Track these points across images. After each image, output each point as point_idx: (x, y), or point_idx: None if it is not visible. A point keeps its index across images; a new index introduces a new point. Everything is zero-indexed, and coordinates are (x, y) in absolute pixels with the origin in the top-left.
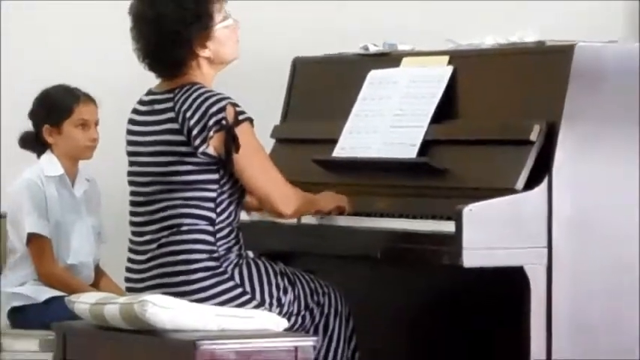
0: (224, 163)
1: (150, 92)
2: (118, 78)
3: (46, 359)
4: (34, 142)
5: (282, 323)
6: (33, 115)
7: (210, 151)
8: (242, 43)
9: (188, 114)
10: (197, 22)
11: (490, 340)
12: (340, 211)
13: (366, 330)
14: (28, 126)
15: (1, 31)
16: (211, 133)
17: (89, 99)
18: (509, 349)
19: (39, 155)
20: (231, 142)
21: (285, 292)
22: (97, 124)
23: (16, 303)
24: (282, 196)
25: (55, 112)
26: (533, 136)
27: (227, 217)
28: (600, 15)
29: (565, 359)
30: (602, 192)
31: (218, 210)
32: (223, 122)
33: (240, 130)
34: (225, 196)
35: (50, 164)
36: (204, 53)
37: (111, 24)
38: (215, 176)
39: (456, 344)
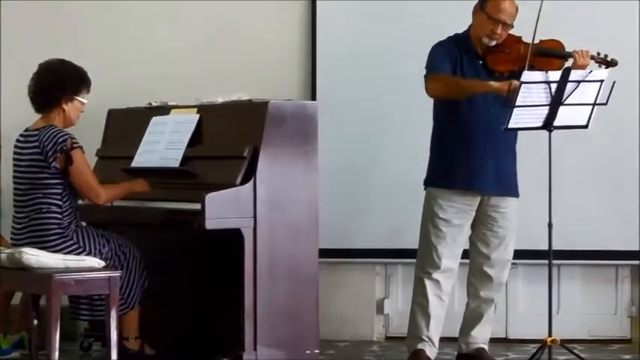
0: (64, 173)
1: (26, 130)
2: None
3: None
4: None
5: (102, 263)
6: None
7: (57, 165)
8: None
9: (46, 143)
10: (71, 88)
11: (223, 273)
12: (143, 191)
13: (150, 266)
14: None
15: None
16: (57, 154)
17: None
18: (233, 277)
19: None
20: (68, 160)
21: (104, 246)
22: None
23: None
24: (93, 192)
25: None
26: (245, 154)
27: (69, 204)
28: (285, 82)
29: (263, 279)
30: (283, 184)
31: (63, 200)
32: (64, 148)
33: (74, 153)
34: (67, 191)
35: None
36: (65, 107)
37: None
38: (60, 180)
39: (202, 273)
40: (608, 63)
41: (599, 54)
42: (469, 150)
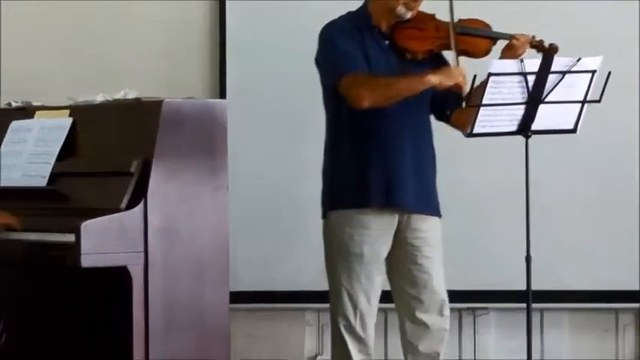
0: None
1: None
2: None
3: None
4: None
5: None
6: None
7: None
8: None
9: None
10: None
11: (106, 320)
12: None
13: (10, 314)
14: None
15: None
16: None
17: None
18: (120, 327)
19: None
20: None
21: None
22: None
23: None
24: None
25: None
26: (133, 169)
27: None
28: (190, 77)
29: (158, 331)
30: (183, 207)
31: None
32: None
33: None
34: None
35: None
36: None
37: None
38: None
39: (81, 320)
40: (546, 50)
41: (534, 37)
42: (383, 159)
